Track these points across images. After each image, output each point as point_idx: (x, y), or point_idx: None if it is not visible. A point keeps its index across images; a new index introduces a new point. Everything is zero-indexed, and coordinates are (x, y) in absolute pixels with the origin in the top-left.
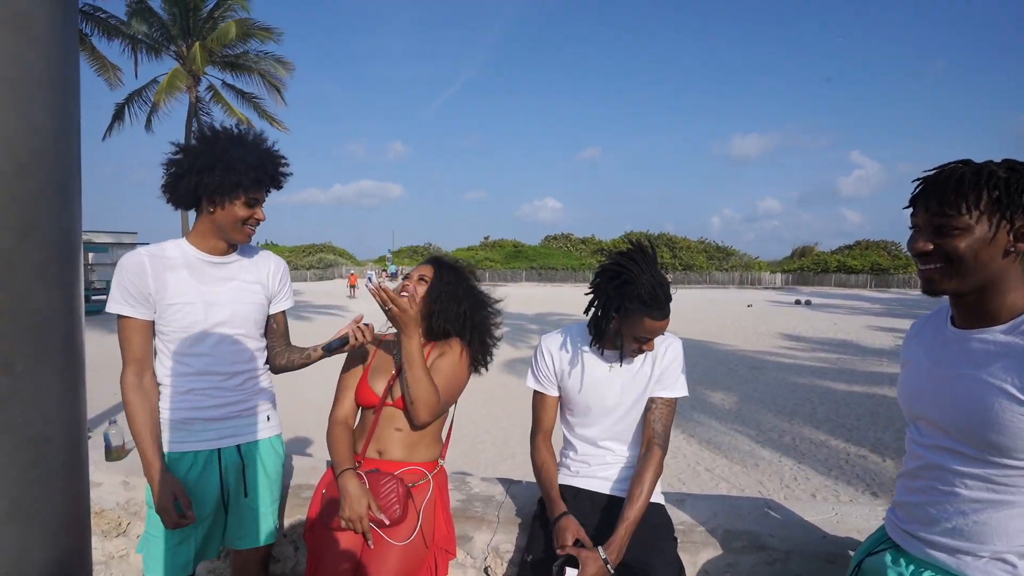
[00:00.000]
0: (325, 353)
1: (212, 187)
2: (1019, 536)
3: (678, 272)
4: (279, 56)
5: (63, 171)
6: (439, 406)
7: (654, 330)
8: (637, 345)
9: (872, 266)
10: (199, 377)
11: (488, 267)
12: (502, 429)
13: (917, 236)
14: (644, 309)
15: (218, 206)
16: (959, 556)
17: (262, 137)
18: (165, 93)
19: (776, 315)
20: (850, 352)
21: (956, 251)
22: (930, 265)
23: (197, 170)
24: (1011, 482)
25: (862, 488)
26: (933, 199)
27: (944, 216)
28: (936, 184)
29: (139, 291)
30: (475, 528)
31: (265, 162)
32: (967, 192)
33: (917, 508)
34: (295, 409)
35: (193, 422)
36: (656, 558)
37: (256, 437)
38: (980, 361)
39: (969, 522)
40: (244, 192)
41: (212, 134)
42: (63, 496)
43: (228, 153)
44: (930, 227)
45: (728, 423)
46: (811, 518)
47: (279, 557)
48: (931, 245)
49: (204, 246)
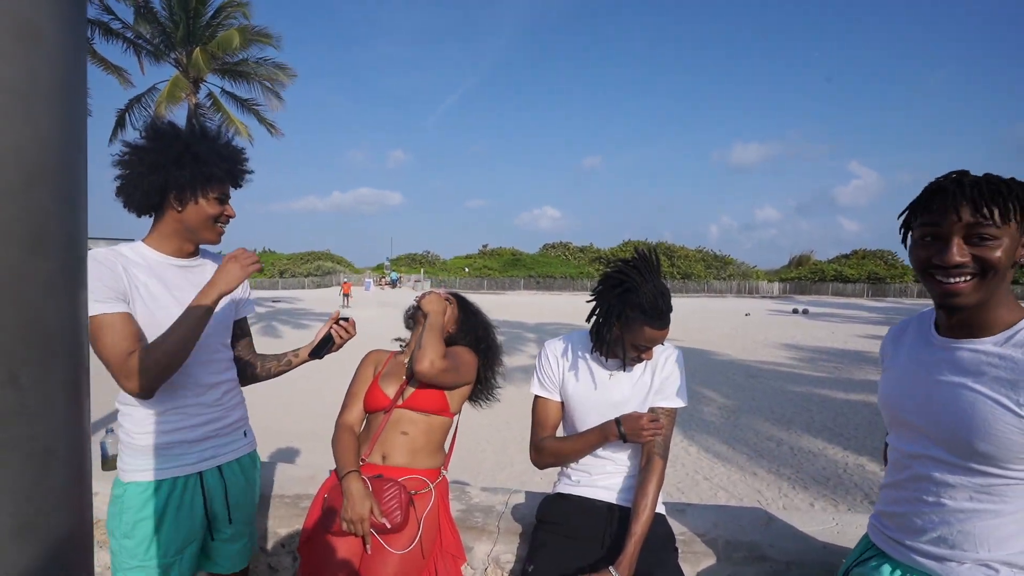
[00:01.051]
0: (312, 358)
1: (183, 182)
2: (1004, 544)
3: (676, 281)
4: (280, 63)
5: (71, 183)
6: (443, 363)
7: (654, 339)
8: (636, 353)
9: (869, 275)
10: (171, 393)
11: (487, 275)
12: (501, 438)
13: (947, 245)
14: (644, 318)
15: (187, 204)
16: (945, 563)
17: (223, 130)
18: (167, 102)
19: (774, 324)
20: (847, 361)
21: (992, 261)
22: (961, 277)
23: (164, 165)
24: (996, 492)
25: (860, 497)
26: (967, 206)
27: (982, 225)
28: (969, 191)
29: (116, 285)
30: (475, 538)
31: (234, 154)
32: (1006, 200)
33: (903, 518)
34: (283, 418)
35: (171, 445)
36: (658, 569)
37: (235, 456)
38: (972, 371)
39: (955, 531)
40: (210, 186)
41: (171, 129)
42: (67, 511)
43: (195, 146)
44: (963, 235)
45: (726, 432)
46: (811, 528)
47: (277, 567)
48: (969, 255)
49: (167, 249)
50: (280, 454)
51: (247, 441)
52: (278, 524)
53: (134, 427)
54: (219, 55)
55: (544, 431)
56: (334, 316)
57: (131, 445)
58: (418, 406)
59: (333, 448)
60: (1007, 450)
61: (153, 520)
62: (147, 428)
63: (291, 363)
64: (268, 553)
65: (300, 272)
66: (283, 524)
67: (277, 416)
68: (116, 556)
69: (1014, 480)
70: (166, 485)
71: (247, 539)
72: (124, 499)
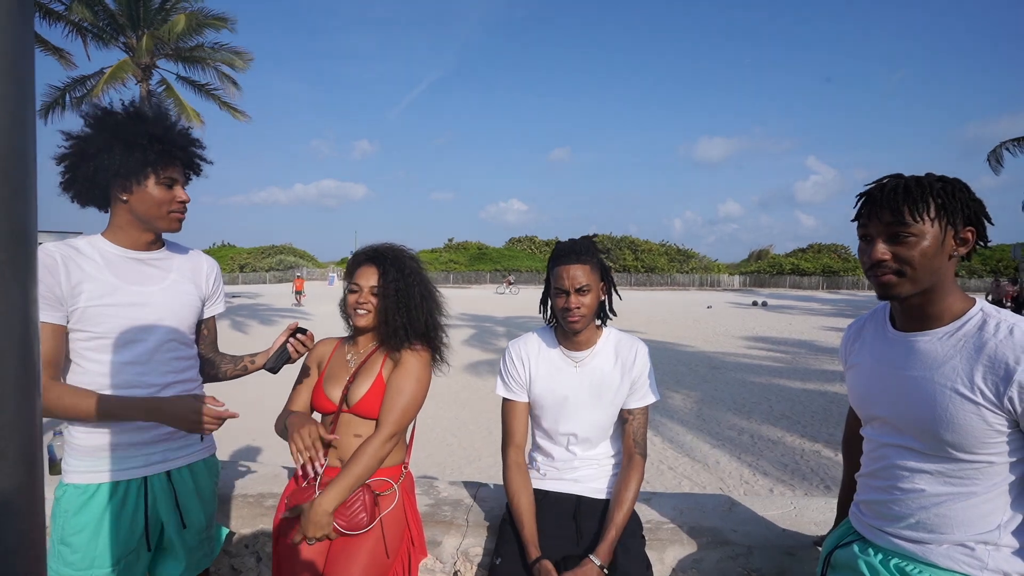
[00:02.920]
0: (267, 370)
1: (115, 169)
2: (978, 523)
3: (640, 274)
4: (236, 48)
5: (18, 170)
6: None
7: (570, 276)
8: (563, 301)
9: (824, 268)
10: (123, 391)
11: (452, 269)
12: (468, 432)
13: (872, 245)
14: (555, 263)
15: (130, 192)
16: (923, 545)
17: (165, 112)
18: (106, 84)
19: (735, 316)
20: (804, 351)
21: (912, 257)
22: (886, 272)
23: (92, 154)
24: (966, 475)
25: (816, 482)
26: (886, 209)
27: (899, 224)
28: (886, 195)
29: (51, 291)
30: (444, 532)
31: (172, 135)
32: (917, 201)
33: (880, 505)
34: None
35: (116, 447)
36: (624, 555)
37: (188, 461)
38: (928, 363)
39: (931, 515)
40: (153, 170)
41: (104, 113)
42: (18, 516)
43: (125, 129)
44: (884, 235)
45: (690, 422)
46: (771, 513)
47: (240, 568)
48: (889, 253)
49: (124, 241)
50: (243, 453)
51: (203, 446)
52: (241, 524)
53: (77, 427)
54: (168, 40)
55: (515, 434)
56: (291, 327)
57: (73, 446)
58: (364, 412)
59: (278, 425)
60: (971, 436)
61: (91, 526)
62: (91, 428)
63: (247, 369)
64: (231, 554)
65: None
66: (246, 524)
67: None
68: (52, 562)
69: (982, 463)
70: (105, 489)
71: (204, 543)
72: (62, 502)
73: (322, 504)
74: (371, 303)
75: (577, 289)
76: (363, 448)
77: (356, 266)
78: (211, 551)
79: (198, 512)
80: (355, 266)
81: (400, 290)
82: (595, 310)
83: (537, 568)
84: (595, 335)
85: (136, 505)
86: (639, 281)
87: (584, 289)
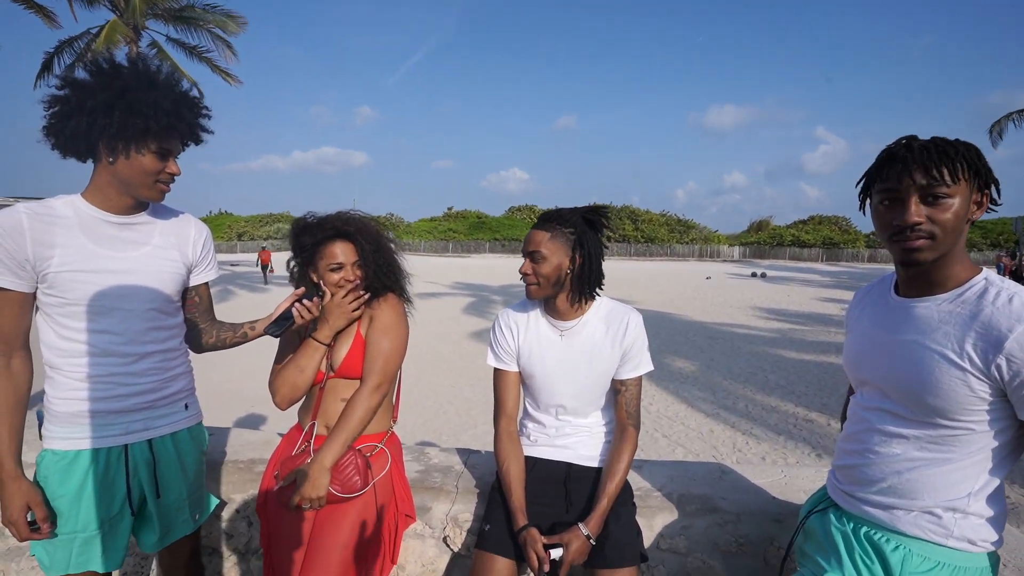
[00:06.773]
0: (269, 334)
1: (111, 131)
2: (948, 490)
3: (640, 244)
4: (228, 10)
5: None
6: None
7: (526, 241)
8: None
9: (824, 240)
10: (99, 360)
11: (451, 238)
12: (464, 400)
13: (902, 207)
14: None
15: (120, 155)
16: (892, 511)
17: (176, 78)
18: (105, 45)
19: (733, 287)
20: (801, 322)
21: (946, 220)
22: (921, 236)
23: (89, 109)
24: (945, 442)
25: (808, 451)
26: (919, 170)
27: (936, 185)
28: (919, 155)
29: (12, 256)
30: (433, 498)
31: (181, 107)
32: (954, 161)
33: (855, 470)
34: (243, 382)
35: (94, 414)
36: (615, 523)
37: (171, 430)
38: (922, 328)
39: (903, 480)
40: (155, 140)
41: (112, 68)
42: None
43: (132, 92)
44: (917, 197)
45: (686, 391)
46: (761, 481)
47: (232, 533)
48: (924, 215)
49: (103, 203)
50: (240, 420)
51: (188, 414)
52: (232, 490)
53: (55, 392)
54: (160, 1)
55: (506, 403)
56: (297, 292)
57: (52, 411)
58: (349, 373)
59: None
60: (954, 402)
61: (72, 491)
62: (68, 395)
63: (247, 335)
64: (222, 519)
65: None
66: (237, 489)
67: (238, 380)
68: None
69: (962, 430)
70: (86, 456)
71: (182, 512)
72: (41, 467)
73: (322, 461)
74: (357, 275)
75: (529, 253)
76: (352, 401)
77: (322, 244)
78: (188, 519)
79: (178, 483)
80: (320, 245)
81: (375, 253)
82: (555, 280)
83: (524, 536)
84: (584, 306)
85: (117, 471)
86: (638, 251)
87: (536, 255)
